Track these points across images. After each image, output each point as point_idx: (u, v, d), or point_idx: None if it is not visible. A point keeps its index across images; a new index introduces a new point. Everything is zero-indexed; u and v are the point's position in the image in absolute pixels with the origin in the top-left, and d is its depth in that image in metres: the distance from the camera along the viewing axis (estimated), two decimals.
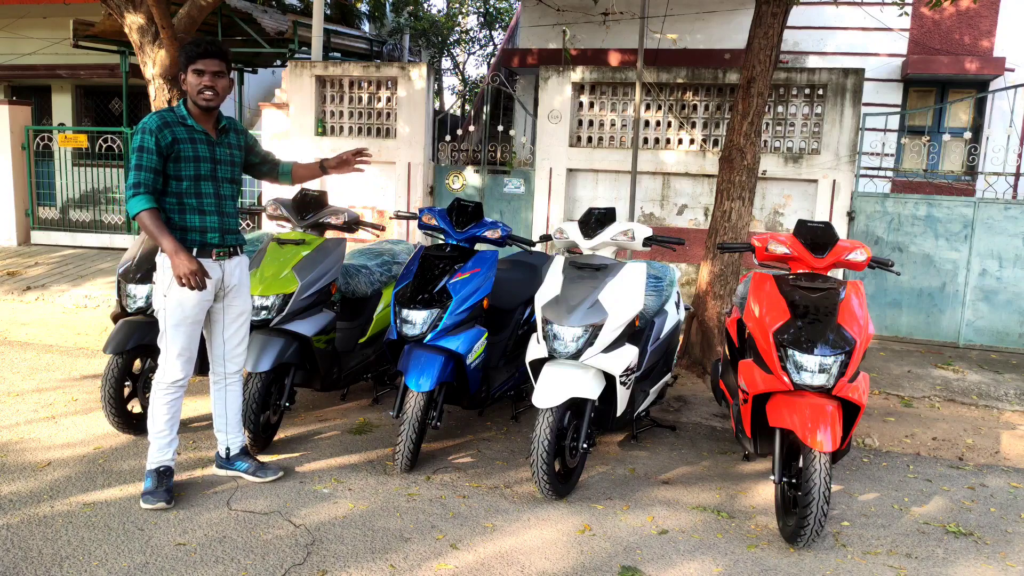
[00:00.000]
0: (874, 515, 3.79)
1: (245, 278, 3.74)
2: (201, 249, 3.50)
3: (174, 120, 3.45)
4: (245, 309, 3.74)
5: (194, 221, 3.49)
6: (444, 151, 8.66)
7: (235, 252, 3.65)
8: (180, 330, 3.49)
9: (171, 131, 3.41)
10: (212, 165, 3.52)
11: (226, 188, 3.60)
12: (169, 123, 3.42)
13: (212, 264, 3.52)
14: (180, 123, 3.45)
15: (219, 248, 3.55)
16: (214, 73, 3.43)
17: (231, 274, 3.62)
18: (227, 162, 3.60)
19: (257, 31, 10.66)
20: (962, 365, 6.42)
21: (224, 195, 3.59)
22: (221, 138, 3.59)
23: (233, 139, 3.66)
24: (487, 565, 3.19)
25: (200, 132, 3.49)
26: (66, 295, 7.91)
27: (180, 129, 3.44)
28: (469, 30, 23.01)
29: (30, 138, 10.46)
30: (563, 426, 3.78)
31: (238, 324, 3.72)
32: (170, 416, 3.58)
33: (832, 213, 7.32)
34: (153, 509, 3.48)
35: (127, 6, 6.65)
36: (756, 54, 5.71)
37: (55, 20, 12.90)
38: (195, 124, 3.48)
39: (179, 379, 3.56)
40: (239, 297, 3.69)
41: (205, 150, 3.50)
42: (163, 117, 3.43)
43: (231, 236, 3.62)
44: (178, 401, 3.61)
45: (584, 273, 3.93)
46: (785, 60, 11.13)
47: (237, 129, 3.72)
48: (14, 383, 5.25)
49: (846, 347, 3.42)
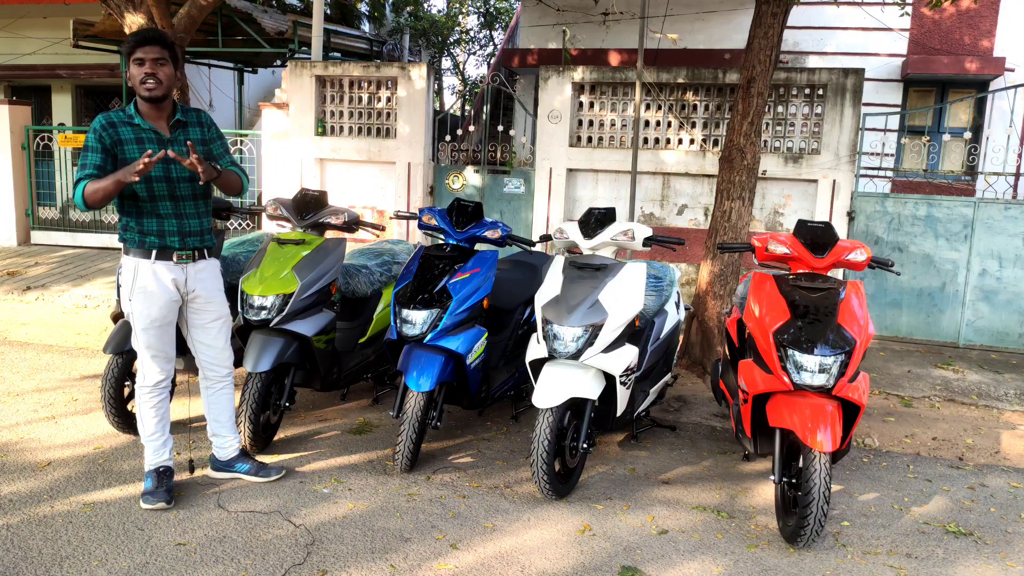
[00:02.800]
0: (874, 515, 3.79)
1: (215, 283, 3.61)
2: (161, 252, 3.40)
3: (120, 120, 3.32)
4: (221, 314, 3.64)
5: (151, 225, 3.38)
6: (444, 151, 8.66)
7: (200, 255, 3.50)
8: (150, 333, 3.44)
9: (115, 131, 3.29)
10: (163, 165, 3.33)
11: (183, 188, 3.41)
12: (115, 123, 3.31)
13: (173, 266, 3.42)
14: (127, 123, 3.33)
15: (180, 251, 3.43)
16: (155, 60, 3.27)
17: (195, 279, 3.49)
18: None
19: (257, 31, 10.66)
20: (962, 365, 6.42)
21: (181, 196, 3.41)
22: (175, 135, 3.41)
23: (194, 133, 3.47)
24: (487, 565, 3.19)
25: (148, 131, 3.35)
26: (66, 295, 7.91)
27: (126, 129, 3.31)
28: (469, 30, 23.01)
29: (30, 138, 10.46)
30: (563, 426, 3.77)
31: (216, 328, 3.63)
32: (159, 418, 3.55)
33: (832, 213, 7.32)
34: (153, 509, 3.48)
35: (127, 6, 6.66)
36: (756, 54, 5.71)
37: (55, 20, 12.90)
38: (143, 123, 3.34)
39: (160, 380, 3.52)
40: (211, 303, 3.58)
41: (154, 149, 3.25)
42: (109, 117, 3.32)
43: (192, 238, 3.46)
44: (164, 402, 3.57)
45: (584, 273, 3.93)
46: (785, 60, 11.13)
47: (201, 122, 3.53)
48: (14, 383, 5.25)
49: (846, 347, 3.42)
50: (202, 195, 3.53)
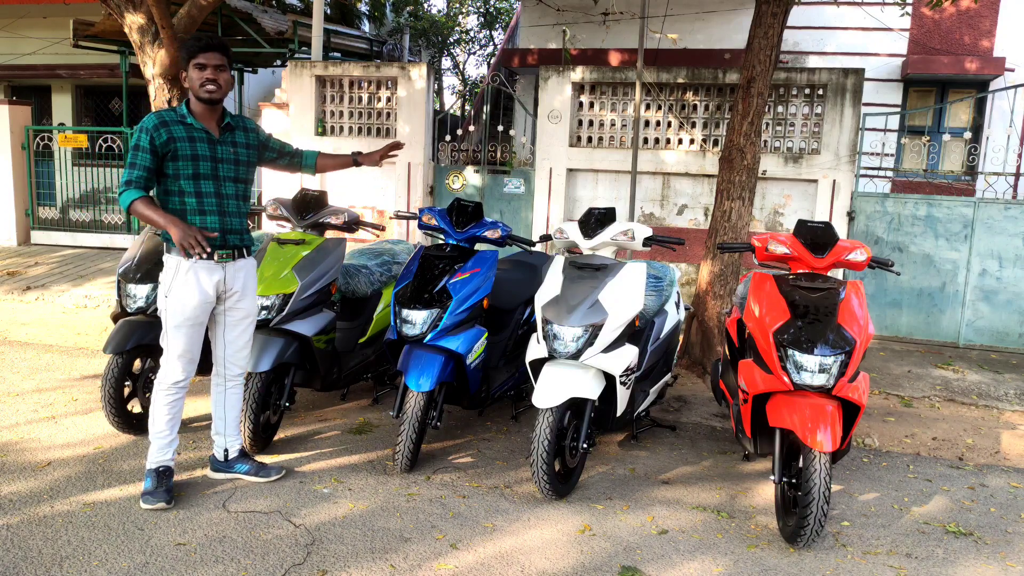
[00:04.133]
0: (874, 515, 3.79)
1: (251, 282, 3.70)
2: None
3: (173, 119, 3.43)
4: (250, 312, 3.72)
5: (194, 221, 3.45)
6: (444, 151, 8.66)
7: (240, 254, 3.60)
8: (181, 331, 3.48)
9: (168, 130, 3.38)
10: (213, 164, 3.48)
11: (228, 187, 3.54)
12: (167, 122, 3.40)
13: (214, 265, 3.49)
14: (179, 122, 3.43)
15: (220, 249, 3.51)
16: (216, 67, 3.42)
17: (234, 277, 3.58)
18: (230, 160, 3.55)
19: (257, 31, 10.66)
20: (962, 365, 6.42)
21: (226, 194, 3.54)
22: (224, 136, 3.54)
23: (240, 137, 3.61)
24: (487, 565, 3.19)
25: (200, 130, 3.46)
26: (66, 295, 7.91)
27: (178, 128, 3.41)
28: (469, 30, 23.01)
29: (30, 138, 10.46)
30: (563, 426, 3.77)
31: (242, 327, 3.70)
32: (171, 417, 3.58)
33: (832, 213, 7.32)
34: (153, 509, 3.48)
35: (127, 6, 6.65)
36: (756, 54, 5.71)
37: (55, 20, 12.90)
38: (195, 122, 3.45)
39: (180, 380, 3.55)
40: (244, 300, 3.66)
41: (205, 148, 3.45)
42: (161, 116, 3.42)
43: (233, 236, 3.56)
44: (179, 402, 3.60)
45: (584, 273, 3.93)
46: (785, 60, 11.13)
47: (246, 127, 3.68)
48: (14, 383, 5.25)
49: (846, 347, 3.42)
50: (243, 196, 3.66)
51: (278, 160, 3.90)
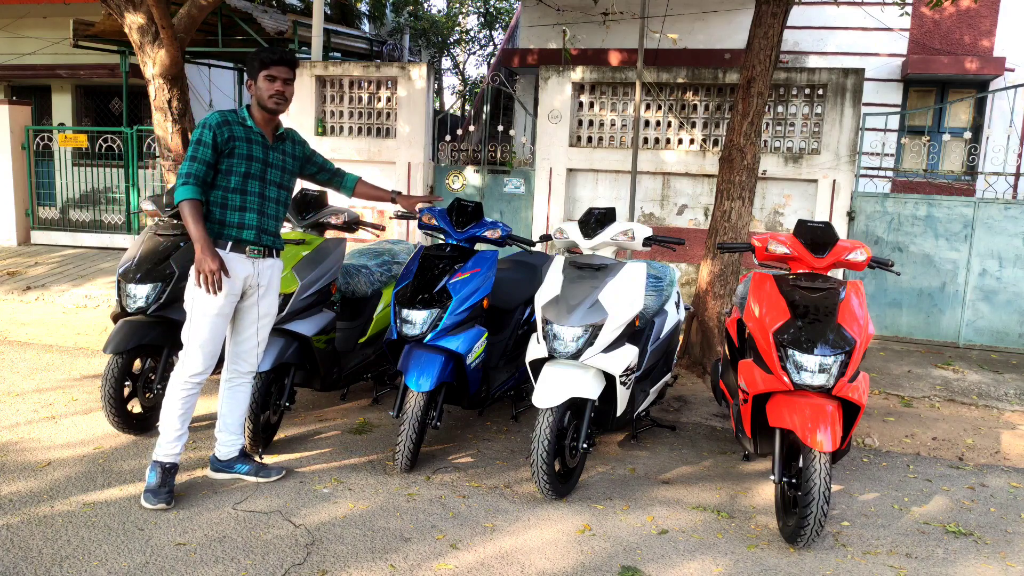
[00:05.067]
0: (874, 515, 3.79)
1: (276, 281, 3.78)
2: (236, 244, 3.55)
3: (235, 120, 3.57)
4: (271, 311, 3.79)
5: (233, 218, 3.56)
6: (444, 151, 8.65)
7: (270, 254, 3.70)
8: (207, 320, 3.51)
9: (230, 128, 3.52)
10: (263, 167, 3.62)
11: (271, 191, 3.67)
12: (230, 121, 3.54)
13: (244, 260, 3.57)
14: (240, 123, 3.57)
15: (254, 245, 3.60)
16: (284, 80, 3.58)
17: (263, 274, 3.67)
18: (278, 167, 3.69)
19: (257, 31, 10.65)
20: (962, 365, 6.42)
21: (268, 197, 3.66)
22: (276, 144, 3.70)
23: (289, 147, 3.78)
24: (487, 565, 3.19)
25: (258, 134, 3.61)
26: (66, 295, 7.91)
27: (239, 128, 3.56)
28: (469, 30, 23.02)
29: (30, 138, 10.46)
30: (563, 426, 3.78)
31: (261, 324, 3.76)
32: (184, 411, 3.59)
33: (832, 213, 7.32)
34: (154, 509, 3.48)
35: (127, 6, 6.65)
36: (756, 54, 5.71)
37: (55, 20, 12.90)
38: (254, 126, 3.60)
39: (199, 372, 3.57)
40: (267, 298, 3.73)
41: (259, 151, 3.60)
42: (224, 116, 3.56)
43: (267, 236, 3.66)
44: (194, 397, 3.62)
45: (584, 273, 3.93)
46: (785, 60, 11.13)
47: (295, 140, 3.85)
48: (14, 383, 5.25)
49: (846, 347, 3.42)
50: (283, 203, 3.77)
51: (318, 175, 4.03)
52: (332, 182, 4.11)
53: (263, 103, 3.58)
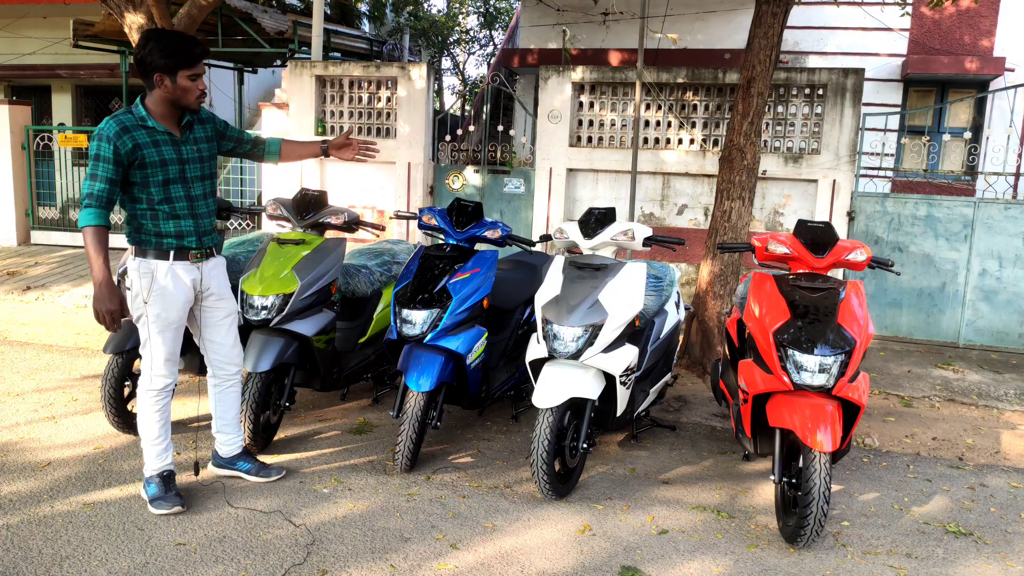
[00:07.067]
0: (874, 515, 3.79)
1: (224, 280, 3.65)
2: (178, 253, 3.39)
3: (133, 123, 3.25)
4: (231, 310, 3.68)
5: (168, 227, 3.37)
6: (444, 151, 8.66)
7: (211, 254, 3.54)
8: (166, 335, 3.42)
9: (131, 137, 3.21)
10: (180, 167, 3.36)
11: (196, 188, 3.44)
12: (129, 128, 3.22)
13: (189, 266, 3.44)
14: (140, 126, 3.26)
15: (196, 251, 3.45)
16: (200, 75, 3.33)
17: (208, 276, 3.53)
18: (195, 160, 3.43)
19: (257, 31, 10.65)
20: (962, 365, 6.42)
21: (195, 196, 3.44)
22: (186, 135, 3.41)
23: (199, 132, 3.48)
24: (487, 565, 3.19)
25: (163, 133, 3.31)
26: (66, 295, 7.91)
27: (141, 133, 3.25)
28: (469, 30, 23.02)
29: (30, 138, 10.46)
30: (563, 426, 3.78)
31: (226, 326, 3.66)
32: (163, 422, 3.53)
33: (832, 213, 7.32)
34: (169, 514, 3.45)
35: (127, 6, 6.65)
36: (756, 54, 5.71)
37: (55, 20, 12.90)
38: (157, 125, 3.30)
39: (167, 384, 3.50)
40: (222, 299, 3.62)
41: (170, 152, 3.32)
42: (121, 122, 3.22)
43: (207, 238, 3.51)
44: (167, 406, 3.55)
45: (584, 273, 3.93)
46: (785, 60, 11.13)
47: (202, 119, 3.52)
48: (14, 383, 5.25)
49: (846, 347, 3.42)
50: (211, 193, 3.56)
51: (237, 148, 3.74)
52: (254, 152, 3.79)
53: (185, 103, 3.31)
